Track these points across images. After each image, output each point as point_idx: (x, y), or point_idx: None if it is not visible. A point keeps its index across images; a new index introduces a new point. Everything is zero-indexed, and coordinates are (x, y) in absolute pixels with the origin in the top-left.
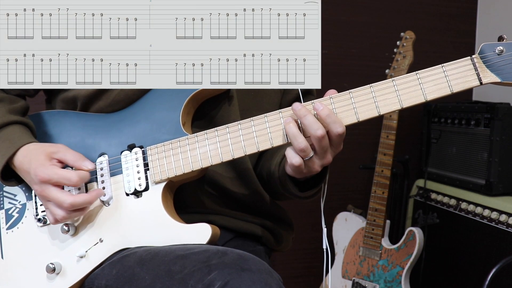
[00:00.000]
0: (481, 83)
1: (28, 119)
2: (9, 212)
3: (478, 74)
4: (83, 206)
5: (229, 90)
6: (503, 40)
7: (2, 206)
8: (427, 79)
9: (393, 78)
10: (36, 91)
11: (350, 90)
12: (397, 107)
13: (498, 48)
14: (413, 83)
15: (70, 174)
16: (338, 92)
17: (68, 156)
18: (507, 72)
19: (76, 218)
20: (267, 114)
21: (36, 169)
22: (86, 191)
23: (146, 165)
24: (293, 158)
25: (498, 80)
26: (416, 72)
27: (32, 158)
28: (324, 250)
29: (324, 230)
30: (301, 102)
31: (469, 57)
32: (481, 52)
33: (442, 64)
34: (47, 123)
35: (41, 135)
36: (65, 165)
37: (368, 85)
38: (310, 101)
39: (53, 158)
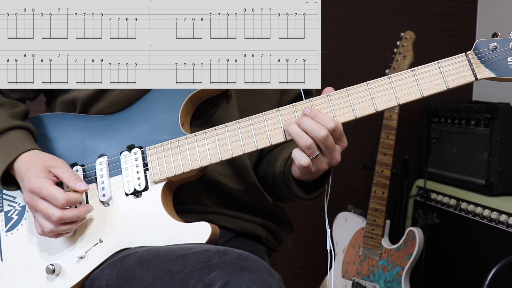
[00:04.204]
0: (476, 79)
1: (30, 124)
2: (9, 214)
3: (473, 70)
4: (72, 220)
5: (227, 89)
6: (497, 37)
7: (1, 208)
8: (423, 76)
9: (389, 75)
10: (36, 94)
11: (347, 88)
12: (394, 103)
13: (492, 44)
14: (409, 80)
15: (59, 194)
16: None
17: (65, 174)
18: (501, 68)
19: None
20: (265, 112)
21: (30, 177)
22: (86, 197)
23: (145, 165)
24: (301, 159)
25: (492, 75)
26: (412, 69)
27: (29, 165)
28: (328, 251)
29: (328, 231)
30: (302, 100)
31: (464, 54)
32: (475, 48)
33: (438, 61)
34: (46, 126)
35: (41, 137)
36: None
37: (365, 82)
38: (308, 99)
39: (50, 172)
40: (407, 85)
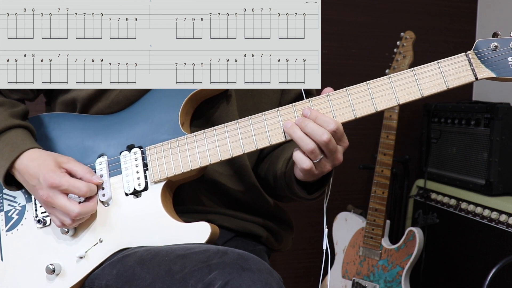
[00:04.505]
0: (476, 79)
1: (30, 123)
2: (9, 214)
3: (473, 70)
4: (89, 214)
5: (227, 89)
6: (497, 36)
7: (1, 208)
8: (423, 75)
9: (389, 75)
10: (36, 95)
11: (347, 88)
12: (394, 103)
13: (492, 44)
14: (409, 80)
15: (80, 183)
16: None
17: (78, 168)
18: (501, 67)
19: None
20: (265, 112)
21: (46, 174)
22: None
23: (145, 165)
24: (303, 163)
25: (493, 75)
26: (412, 68)
27: (40, 163)
28: (324, 251)
29: (325, 231)
30: (302, 100)
31: (464, 53)
32: (476, 48)
33: (438, 61)
34: (46, 126)
35: (41, 137)
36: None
37: (365, 82)
38: (308, 99)
39: (62, 167)
40: (407, 85)
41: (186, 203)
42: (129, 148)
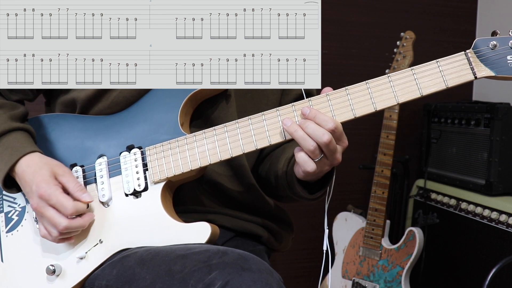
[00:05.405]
0: (475, 77)
1: (29, 125)
2: (9, 215)
3: (472, 69)
4: (76, 229)
5: (227, 89)
6: (496, 35)
7: (1, 209)
8: (422, 75)
9: (388, 74)
10: (36, 95)
11: (346, 87)
12: (393, 102)
13: (491, 42)
14: (408, 79)
15: (68, 203)
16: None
17: (70, 183)
18: (501, 66)
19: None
20: (264, 112)
21: (39, 184)
22: None
23: (145, 165)
24: (308, 165)
25: (492, 74)
26: (412, 68)
27: (36, 171)
28: (324, 251)
29: (326, 231)
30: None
31: (463, 52)
32: (475, 47)
33: (437, 60)
34: (46, 127)
35: (40, 138)
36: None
37: (364, 82)
38: (307, 99)
39: (56, 179)
40: (406, 84)
41: (186, 203)
42: (129, 148)
